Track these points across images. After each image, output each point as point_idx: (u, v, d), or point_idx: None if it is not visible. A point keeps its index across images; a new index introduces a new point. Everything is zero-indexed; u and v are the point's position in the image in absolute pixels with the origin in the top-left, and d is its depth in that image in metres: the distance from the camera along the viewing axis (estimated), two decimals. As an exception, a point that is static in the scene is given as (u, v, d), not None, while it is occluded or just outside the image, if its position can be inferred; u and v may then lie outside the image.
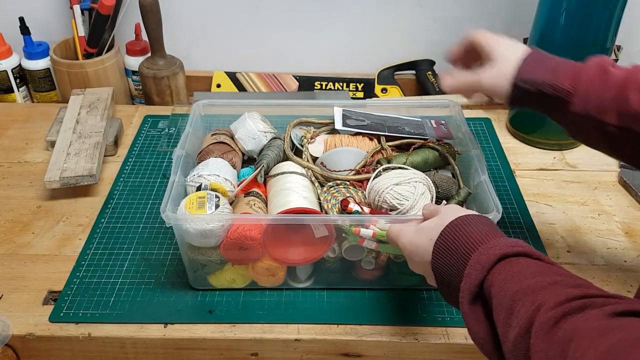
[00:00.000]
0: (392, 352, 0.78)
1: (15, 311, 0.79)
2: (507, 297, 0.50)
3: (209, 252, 0.77)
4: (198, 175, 0.80)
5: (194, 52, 1.33)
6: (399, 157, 0.88)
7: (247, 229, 0.74)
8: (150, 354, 0.78)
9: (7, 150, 1.11)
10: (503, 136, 1.17)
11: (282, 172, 0.83)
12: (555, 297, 0.46)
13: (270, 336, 0.77)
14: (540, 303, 0.47)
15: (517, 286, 0.50)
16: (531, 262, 0.53)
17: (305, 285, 0.82)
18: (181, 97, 1.26)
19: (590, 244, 0.92)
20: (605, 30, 1.03)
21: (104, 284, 0.83)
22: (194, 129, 0.90)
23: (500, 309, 0.51)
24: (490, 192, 0.77)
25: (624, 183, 1.04)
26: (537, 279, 0.50)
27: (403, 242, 0.66)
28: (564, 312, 0.44)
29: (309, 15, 1.29)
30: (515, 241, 0.56)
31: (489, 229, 0.59)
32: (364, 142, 0.91)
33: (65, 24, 1.29)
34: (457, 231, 0.59)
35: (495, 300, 0.52)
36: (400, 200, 0.76)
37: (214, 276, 0.81)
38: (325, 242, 0.77)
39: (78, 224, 0.94)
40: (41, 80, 1.26)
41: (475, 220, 0.60)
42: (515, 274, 0.52)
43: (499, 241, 0.56)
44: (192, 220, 0.73)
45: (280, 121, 0.98)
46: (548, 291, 0.48)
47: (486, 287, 0.54)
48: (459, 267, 0.57)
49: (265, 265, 0.79)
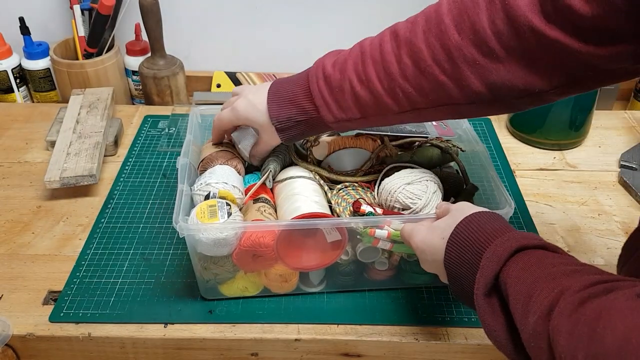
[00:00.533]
0: (392, 352, 0.78)
1: (15, 311, 0.79)
2: (526, 285, 0.49)
3: (222, 261, 0.76)
4: (206, 183, 0.78)
5: (194, 52, 1.33)
6: (402, 156, 0.88)
7: (260, 235, 0.74)
8: (150, 354, 0.78)
9: (7, 150, 1.11)
10: (503, 136, 1.17)
11: (289, 177, 0.82)
12: (579, 282, 0.45)
13: (270, 336, 0.77)
14: (564, 288, 0.45)
15: (536, 274, 0.49)
16: (549, 254, 0.52)
17: (318, 290, 0.82)
18: (181, 97, 1.26)
19: (590, 244, 0.92)
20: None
21: (104, 284, 0.83)
22: (194, 136, 0.89)
23: (518, 298, 0.49)
24: (501, 187, 0.76)
25: (624, 183, 1.04)
26: (557, 268, 0.49)
27: (416, 241, 0.65)
28: (590, 294, 0.42)
29: (309, 15, 1.29)
30: (531, 234, 0.56)
31: (503, 224, 0.58)
32: (367, 142, 0.91)
33: (65, 24, 1.29)
34: (471, 227, 0.58)
35: (512, 289, 0.50)
36: (413, 200, 0.75)
37: (225, 285, 0.80)
38: (338, 245, 0.76)
39: (78, 224, 0.94)
40: (41, 80, 1.27)
41: (488, 216, 0.60)
42: (534, 263, 0.51)
43: (514, 234, 0.56)
44: (205, 229, 0.72)
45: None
46: (570, 278, 0.46)
47: (502, 279, 0.52)
48: (474, 261, 0.56)
49: (279, 271, 0.78)
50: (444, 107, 0.65)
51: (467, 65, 0.60)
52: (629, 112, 1.25)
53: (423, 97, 0.65)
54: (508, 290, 0.51)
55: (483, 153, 0.84)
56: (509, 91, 0.60)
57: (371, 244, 0.74)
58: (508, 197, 0.74)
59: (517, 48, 0.57)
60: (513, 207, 0.73)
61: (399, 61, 0.65)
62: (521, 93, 0.60)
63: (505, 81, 0.60)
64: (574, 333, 0.41)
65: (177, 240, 0.90)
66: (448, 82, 0.62)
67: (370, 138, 0.92)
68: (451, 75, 0.62)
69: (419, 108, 0.67)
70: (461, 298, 0.60)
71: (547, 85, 0.59)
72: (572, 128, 1.12)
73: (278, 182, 0.83)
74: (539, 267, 0.50)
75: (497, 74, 0.59)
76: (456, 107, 0.65)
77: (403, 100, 0.66)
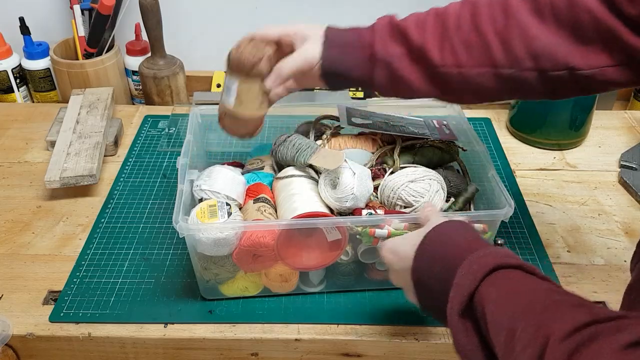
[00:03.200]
0: (392, 352, 0.78)
1: (15, 311, 0.79)
2: (506, 317, 0.47)
3: (222, 261, 0.76)
4: (200, 188, 0.79)
5: (194, 52, 1.33)
6: (404, 156, 0.88)
7: (261, 235, 0.74)
8: (150, 354, 0.78)
9: (7, 150, 1.11)
10: (503, 136, 1.17)
11: (291, 175, 0.82)
12: (562, 325, 0.44)
13: (270, 336, 0.77)
14: (548, 333, 0.44)
15: (514, 306, 0.48)
16: (526, 277, 0.51)
17: (318, 290, 0.82)
18: (181, 97, 1.26)
19: (590, 244, 0.92)
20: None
21: (104, 284, 0.83)
22: (194, 137, 0.89)
23: (499, 331, 0.48)
24: (501, 187, 0.76)
25: (624, 183, 1.04)
26: (537, 297, 0.48)
27: (384, 250, 0.64)
28: (577, 344, 0.42)
29: (309, 15, 1.29)
30: (506, 251, 0.54)
31: (475, 237, 0.57)
32: (367, 142, 0.91)
33: (65, 24, 1.29)
34: (443, 236, 0.57)
35: (490, 317, 0.49)
36: (415, 197, 0.75)
37: (225, 285, 0.80)
38: (338, 245, 0.76)
39: (78, 224, 0.94)
40: (41, 80, 1.27)
41: (461, 226, 0.59)
42: (511, 290, 0.49)
43: (489, 250, 0.54)
44: (205, 229, 0.72)
45: (280, 121, 0.98)
46: (551, 314, 0.45)
47: (477, 299, 0.50)
48: (444, 276, 0.54)
49: (279, 271, 0.79)
50: (484, 70, 0.66)
51: (516, 28, 0.63)
52: (629, 112, 1.25)
53: (468, 54, 0.66)
54: (486, 317, 0.49)
55: (484, 153, 0.84)
56: (548, 62, 0.62)
57: (371, 244, 0.74)
58: (508, 197, 0.74)
59: (569, 21, 0.60)
60: (513, 207, 0.73)
61: (459, 16, 0.66)
62: (559, 66, 0.62)
63: (547, 50, 0.62)
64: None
65: (177, 240, 0.90)
66: (495, 41, 0.64)
67: (371, 138, 0.92)
68: (500, 34, 0.64)
69: (461, 66, 0.67)
70: (428, 310, 0.59)
71: (585, 65, 0.61)
72: (572, 128, 1.12)
73: (279, 178, 0.83)
74: (518, 295, 0.48)
75: (541, 41, 0.62)
76: (496, 71, 0.65)
77: (448, 55, 0.66)
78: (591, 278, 0.86)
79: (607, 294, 0.83)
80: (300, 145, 0.82)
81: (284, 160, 0.84)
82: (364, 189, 0.76)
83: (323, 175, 0.78)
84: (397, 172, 0.79)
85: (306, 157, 0.80)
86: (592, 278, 0.86)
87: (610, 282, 0.85)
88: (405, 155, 0.89)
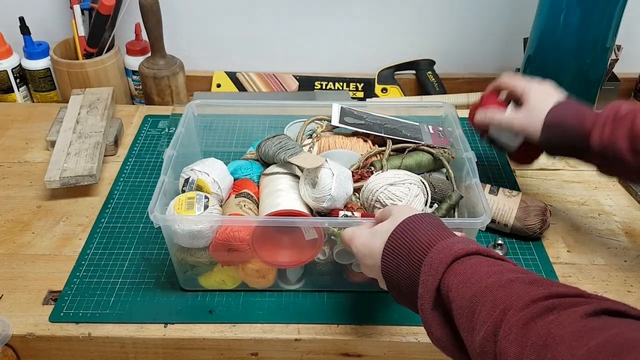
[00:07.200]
0: (392, 352, 0.78)
1: (15, 311, 0.79)
2: (466, 300, 0.50)
3: (198, 253, 0.77)
4: (190, 169, 0.80)
5: (194, 52, 1.34)
6: (393, 159, 0.88)
7: (236, 230, 0.74)
8: (150, 354, 0.78)
9: (7, 150, 1.11)
10: (503, 136, 1.16)
11: (276, 172, 0.83)
12: (518, 299, 0.46)
13: (270, 336, 0.77)
14: (505, 306, 0.46)
15: (474, 288, 0.50)
16: (483, 261, 0.53)
17: (295, 288, 0.82)
18: (181, 97, 1.26)
19: (590, 244, 0.92)
20: (605, 30, 1.03)
21: (104, 284, 0.83)
22: (186, 129, 0.89)
23: (462, 314, 0.50)
24: (480, 195, 0.76)
25: (624, 183, 1.04)
26: (492, 279, 0.50)
27: (356, 245, 0.65)
28: (533, 314, 0.44)
29: (309, 15, 1.29)
30: (465, 239, 0.57)
31: (437, 229, 0.59)
32: (359, 143, 0.90)
33: (65, 23, 1.29)
34: (406, 235, 0.59)
35: (454, 305, 0.52)
36: (393, 201, 0.75)
37: (203, 277, 0.81)
38: (315, 244, 0.76)
39: (78, 224, 0.94)
40: (41, 80, 1.27)
41: (423, 220, 0.60)
42: (470, 275, 0.52)
43: (447, 242, 0.56)
44: (180, 221, 0.72)
45: (280, 121, 0.98)
46: (507, 290, 0.48)
47: (443, 290, 0.53)
48: (411, 271, 0.57)
49: (255, 267, 0.79)
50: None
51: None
52: (629, 112, 1.25)
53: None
54: (451, 304, 0.52)
55: (470, 160, 0.84)
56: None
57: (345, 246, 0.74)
58: (486, 206, 0.74)
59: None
60: (490, 217, 0.73)
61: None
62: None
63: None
64: (521, 358, 0.42)
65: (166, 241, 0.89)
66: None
67: (362, 139, 0.91)
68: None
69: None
70: (401, 302, 0.61)
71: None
72: (572, 128, 1.11)
73: (265, 174, 0.84)
74: (476, 279, 0.51)
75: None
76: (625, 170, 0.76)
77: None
78: (591, 278, 0.86)
79: (607, 294, 0.83)
80: (285, 144, 0.83)
81: (266, 156, 0.85)
82: (342, 190, 0.76)
83: (304, 174, 0.78)
84: (378, 174, 0.79)
85: (286, 155, 0.81)
86: (592, 278, 0.86)
87: (610, 282, 0.85)
88: (394, 158, 0.88)
